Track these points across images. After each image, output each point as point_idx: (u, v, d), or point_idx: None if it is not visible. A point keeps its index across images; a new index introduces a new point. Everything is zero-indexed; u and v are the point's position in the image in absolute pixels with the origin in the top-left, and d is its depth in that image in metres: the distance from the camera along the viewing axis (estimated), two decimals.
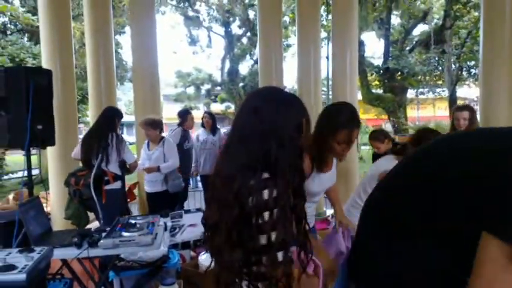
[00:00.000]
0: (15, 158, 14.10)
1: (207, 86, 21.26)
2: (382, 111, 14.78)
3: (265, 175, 1.05)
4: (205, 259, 3.28)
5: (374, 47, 41.34)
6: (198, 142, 5.34)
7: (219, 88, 20.91)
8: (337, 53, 5.39)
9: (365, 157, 10.14)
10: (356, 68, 5.45)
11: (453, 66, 14.89)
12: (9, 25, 10.57)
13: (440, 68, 16.13)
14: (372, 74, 14.03)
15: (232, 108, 19.72)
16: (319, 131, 1.88)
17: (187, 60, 38.15)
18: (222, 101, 21.16)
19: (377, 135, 3.91)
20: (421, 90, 19.15)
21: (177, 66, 23.58)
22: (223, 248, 1.07)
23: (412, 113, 21.10)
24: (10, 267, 1.30)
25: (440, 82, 17.73)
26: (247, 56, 18.33)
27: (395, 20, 15.35)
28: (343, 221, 2.04)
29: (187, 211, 4.20)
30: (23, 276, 1.27)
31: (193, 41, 18.41)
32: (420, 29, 15.28)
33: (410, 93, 18.20)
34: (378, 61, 15.14)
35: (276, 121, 1.08)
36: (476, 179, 0.83)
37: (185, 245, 3.59)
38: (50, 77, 3.10)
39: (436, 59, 15.32)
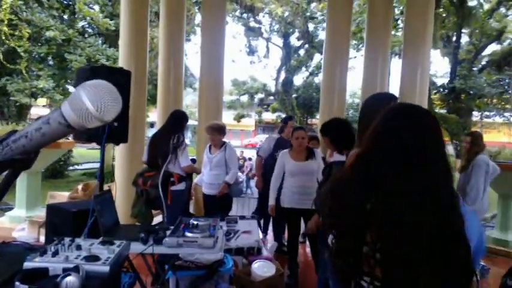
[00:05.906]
0: (80, 150, 15.20)
1: (260, 95, 21.53)
2: (444, 132, 13.98)
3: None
4: (258, 267, 3.26)
5: (436, 65, 39.56)
6: None
7: (271, 98, 21.09)
8: (406, 69, 5.19)
9: None
10: (426, 87, 5.19)
11: None
12: (87, 28, 11.44)
13: (510, 91, 15.00)
14: (435, 93, 13.32)
15: None
16: None
17: (244, 69, 38.88)
18: (274, 110, 21.32)
19: None
20: (486, 113, 17.94)
21: (234, 74, 24.13)
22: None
23: None
24: (95, 258, 1.36)
25: (508, 106, 16.47)
26: (303, 68, 18.35)
27: (463, 38, 14.59)
28: None
29: (242, 217, 4.19)
30: (106, 268, 1.31)
31: (251, 51, 18.80)
32: (492, 48, 14.40)
33: (475, 116, 17.14)
34: (441, 80, 14.45)
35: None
36: None
37: (238, 251, 3.57)
38: (129, 77, 3.20)
39: (507, 81, 14.28)
